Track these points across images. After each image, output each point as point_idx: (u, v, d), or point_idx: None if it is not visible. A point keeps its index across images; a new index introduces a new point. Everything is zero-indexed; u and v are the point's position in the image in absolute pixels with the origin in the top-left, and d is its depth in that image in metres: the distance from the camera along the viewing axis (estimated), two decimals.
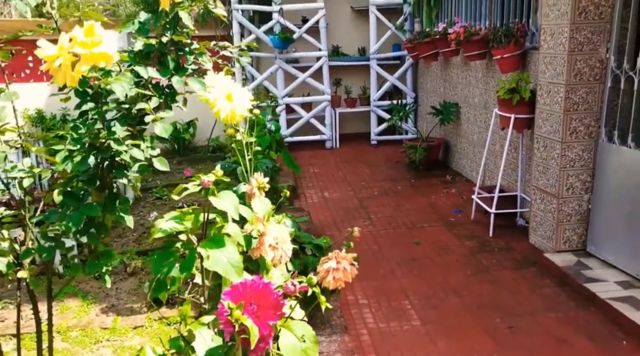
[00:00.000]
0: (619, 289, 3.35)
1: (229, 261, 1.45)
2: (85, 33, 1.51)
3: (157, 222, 1.59)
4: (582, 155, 3.71)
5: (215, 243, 1.48)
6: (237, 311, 1.13)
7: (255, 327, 1.16)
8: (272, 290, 1.22)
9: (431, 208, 5.21)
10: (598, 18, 3.51)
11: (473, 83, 5.71)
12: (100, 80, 1.74)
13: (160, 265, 1.51)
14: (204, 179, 1.41)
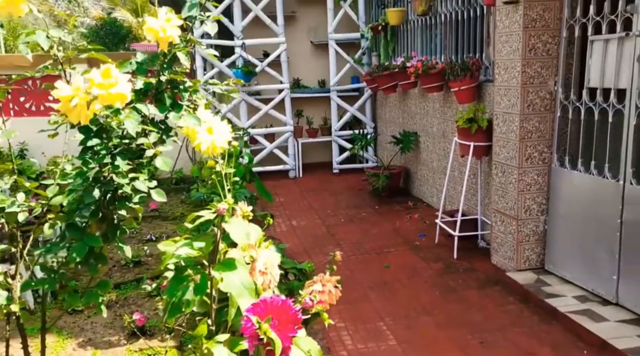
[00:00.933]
0: (577, 303, 3.60)
1: (242, 283, 1.57)
2: (103, 75, 1.63)
3: (167, 248, 1.71)
4: (537, 179, 4.01)
5: (228, 266, 1.60)
6: (265, 324, 1.26)
7: (279, 339, 1.29)
8: (291, 306, 1.35)
9: (397, 233, 5.42)
10: (546, 54, 3.85)
11: (431, 113, 6.02)
12: (109, 117, 1.85)
13: (174, 289, 1.62)
14: (219, 207, 1.54)
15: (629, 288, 3.40)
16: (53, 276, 2.06)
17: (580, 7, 3.68)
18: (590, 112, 3.63)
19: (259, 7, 7.56)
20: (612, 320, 3.33)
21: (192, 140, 1.92)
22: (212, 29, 2.18)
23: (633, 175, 3.29)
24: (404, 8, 6.66)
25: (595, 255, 3.62)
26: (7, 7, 1.70)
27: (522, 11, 3.79)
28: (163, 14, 2.03)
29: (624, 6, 3.29)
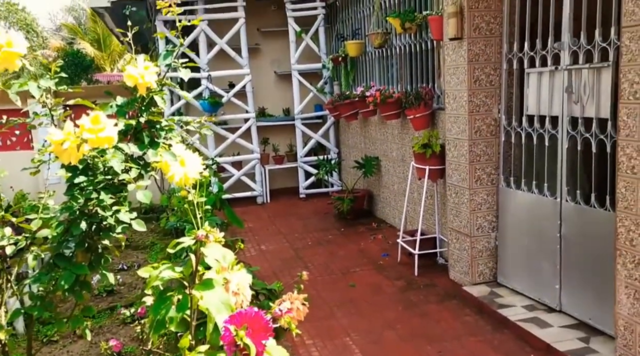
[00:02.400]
0: (525, 312, 3.92)
1: (220, 300, 1.80)
2: (92, 121, 1.87)
3: (150, 272, 1.93)
4: (487, 198, 4.36)
5: (206, 286, 1.83)
6: (241, 331, 1.49)
7: (253, 345, 1.52)
8: (263, 316, 1.59)
9: (361, 254, 5.69)
10: (489, 85, 4.24)
11: (390, 139, 6.37)
12: (96, 157, 2.07)
13: (159, 308, 1.84)
14: (199, 234, 1.78)
15: (570, 296, 3.73)
16: (41, 303, 2.25)
17: (516, 42, 4.09)
18: (529, 137, 4.01)
19: (224, 41, 7.86)
20: (556, 326, 3.66)
21: (166, 172, 2.15)
22: (185, 75, 2.44)
23: (568, 193, 3.66)
24: (362, 41, 7.05)
25: (540, 266, 3.96)
26: (3, 62, 1.92)
27: (467, 47, 4.17)
28: (141, 62, 2.29)
29: (553, 43, 3.69)
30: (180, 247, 1.83)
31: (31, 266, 2.38)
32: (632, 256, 2.90)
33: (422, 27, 5.33)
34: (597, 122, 3.35)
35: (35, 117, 2.20)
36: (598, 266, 3.42)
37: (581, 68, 3.45)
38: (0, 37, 1.90)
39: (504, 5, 4.15)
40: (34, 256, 2.39)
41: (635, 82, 2.76)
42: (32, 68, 2.12)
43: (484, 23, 4.18)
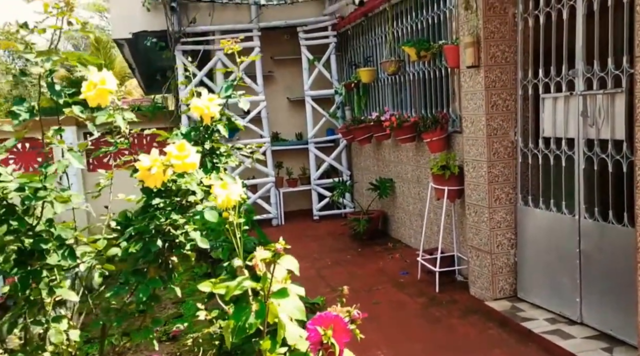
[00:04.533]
0: (548, 324, 4.11)
1: (294, 306, 2.01)
2: (178, 148, 2.10)
3: (205, 289, 2.14)
4: (506, 217, 4.58)
5: (282, 294, 2.03)
6: (329, 331, 1.70)
7: (337, 345, 1.73)
8: (342, 319, 1.79)
9: (381, 273, 5.88)
10: (506, 109, 4.50)
11: (405, 161, 6.62)
12: (175, 181, 2.30)
13: (239, 315, 2.04)
14: (277, 247, 1.99)
15: (590, 309, 3.93)
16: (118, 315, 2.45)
17: (531, 70, 4.36)
18: (546, 158, 4.25)
19: (241, 68, 8.14)
20: (578, 337, 3.85)
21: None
22: (245, 106, 2.69)
23: (586, 211, 3.88)
24: (374, 68, 7.35)
25: (560, 281, 4.16)
26: (97, 98, 2.16)
27: (483, 74, 4.44)
28: (206, 95, 2.53)
29: (567, 71, 3.96)
30: (261, 259, 2.04)
31: (97, 282, 2.59)
32: None
33: (436, 55, 5.62)
34: (612, 144, 3.60)
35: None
36: (617, 279, 3.63)
37: (595, 93, 3.72)
38: (95, 76, 2.14)
39: (517, 35, 4.44)
40: (100, 273, 2.60)
41: None
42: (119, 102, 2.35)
43: (499, 52, 4.46)
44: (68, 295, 2.31)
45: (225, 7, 8.38)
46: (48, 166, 1.80)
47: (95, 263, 2.54)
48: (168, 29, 8.12)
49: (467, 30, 4.54)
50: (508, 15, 4.43)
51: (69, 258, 2.03)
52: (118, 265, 2.53)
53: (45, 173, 1.79)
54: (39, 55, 1.71)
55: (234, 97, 2.74)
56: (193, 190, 2.47)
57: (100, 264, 2.58)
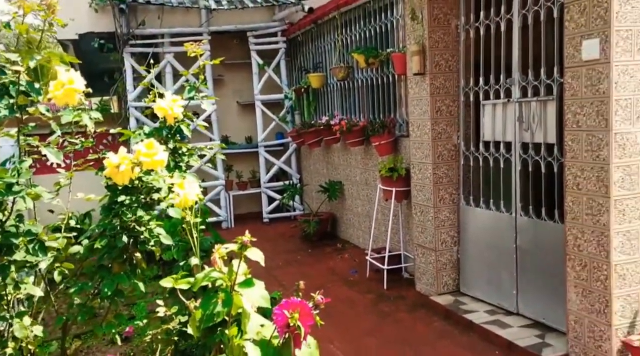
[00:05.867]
0: (488, 316, 4.40)
1: (260, 295, 2.14)
2: (147, 146, 2.19)
3: (171, 282, 2.24)
4: (449, 216, 4.86)
5: (248, 284, 2.16)
6: (296, 314, 1.84)
7: (303, 327, 1.87)
8: (307, 304, 1.94)
9: (331, 272, 6.06)
10: (449, 115, 4.78)
11: (354, 164, 6.84)
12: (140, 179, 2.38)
13: (207, 304, 2.15)
14: (244, 239, 2.12)
15: (525, 300, 4.24)
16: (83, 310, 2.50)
17: (472, 78, 4.66)
18: (486, 160, 4.56)
19: (190, 71, 8.15)
20: (515, 326, 4.14)
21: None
22: (208, 107, 2.79)
23: (521, 209, 4.20)
24: (324, 73, 7.55)
25: (499, 275, 4.46)
26: (65, 98, 2.21)
27: (429, 81, 4.71)
28: (169, 96, 2.63)
29: (504, 79, 4.28)
30: (228, 251, 2.16)
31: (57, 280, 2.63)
32: (579, 260, 3.43)
33: (384, 62, 5.87)
34: (545, 147, 3.92)
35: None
36: (549, 272, 3.95)
37: (530, 101, 4.04)
38: (63, 76, 2.21)
39: (460, 45, 4.73)
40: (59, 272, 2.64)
41: (577, 113, 3.33)
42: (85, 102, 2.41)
43: (443, 60, 4.74)
44: (33, 291, 2.34)
45: (175, 10, 8.37)
46: (23, 162, 1.85)
47: (55, 263, 2.58)
48: (116, 31, 8.03)
49: (414, 40, 4.80)
50: (451, 26, 4.72)
51: (39, 252, 2.07)
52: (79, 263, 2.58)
53: (19, 169, 1.84)
54: (22, 54, 1.77)
55: (196, 99, 2.84)
56: (159, 188, 2.55)
57: (60, 263, 2.62)
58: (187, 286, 2.35)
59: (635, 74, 3.12)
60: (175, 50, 8.13)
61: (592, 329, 3.37)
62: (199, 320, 2.19)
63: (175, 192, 2.33)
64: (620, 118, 3.13)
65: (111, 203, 2.51)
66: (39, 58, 1.78)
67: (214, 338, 2.44)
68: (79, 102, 2.34)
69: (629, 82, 3.11)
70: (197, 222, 3.12)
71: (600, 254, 3.27)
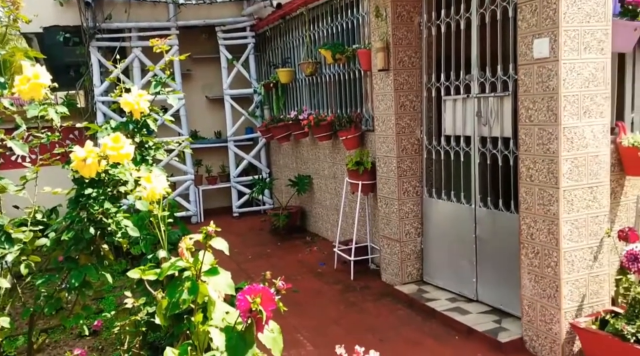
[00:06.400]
0: (449, 303, 4.57)
1: (225, 283, 2.23)
2: (113, 140, 2.26)
3: (139, 273, 2.31)
4: (413, 208, 5.01)
5: (213, 272, 2.25)
6: (257, 299, 1.94)
7: (264, 311, 1.97)
8: (268, 290, 2.04)
9: (300, 264, 6.17)
10: (413, 110, 4.93)
11: (322, 158, 6.96)
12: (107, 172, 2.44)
13: (174, 291, 2.23)
14: (209, 229, 2.20)
15: (484, 288, 4.43)
16: (50, 302, 2.55)
17: (434, 74, 4.81)
18: (447, 154, 4.72)
19: (157, 67, 8.14)
20: (474, 313, 4.33)
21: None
22: (174, 102, 2.86)
23: (480, 200, 4.37)
24: (292, 69, 7.63)
25: (459, 264, 4.64)
26: (31, 92, 2.26)
27: (393, 77, 4.84)
28: (136, 90, 2.69)
29: (464, 75, 4.44)
30: (193, 240, 2.25)
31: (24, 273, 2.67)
32: (532, 247, 3.62)
33: (350, 58, 5.98)
34: (502, 141, 4.10)
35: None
36: (506, 260, 4.13)
37: (487, 96, 4.21)
38: (28, 71, 2.25)
39: (422, 42, 4.88)
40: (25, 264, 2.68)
41: (529, 108, 3.51)
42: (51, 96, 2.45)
43: (406, 57, 4.88)
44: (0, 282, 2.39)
45: (142, 4, 8.33)
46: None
47: (22, 256, 2.61)
48: (82, 25, 7.96)
49: (378, 36, 4.93)
50: (414, 23, 4.87)
51: (5, 244, 2.12)
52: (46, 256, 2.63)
53: None
54: None
55: (163, 94, 2.90)
56: (125, 180, 2.62)
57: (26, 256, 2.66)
58: (154, 277, 2.43)
59: (581, 72, 3.30)
60: (143, 45, 8.09)
61: (544, 313, 3.56)
62: (165, 308, 2.27)
63: (142, 185, 2.39)
64: (569, 113, 3.31)
65: (78, 196, 2.56)
66: (3, 53, 1.82)
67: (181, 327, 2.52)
68: (44, 96, 2.39)
69: (575, 79, 3.29)
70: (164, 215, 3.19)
71: (550, 242, 3.45)
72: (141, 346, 3.08)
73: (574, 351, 3.50)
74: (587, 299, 3.51)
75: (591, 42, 3.32)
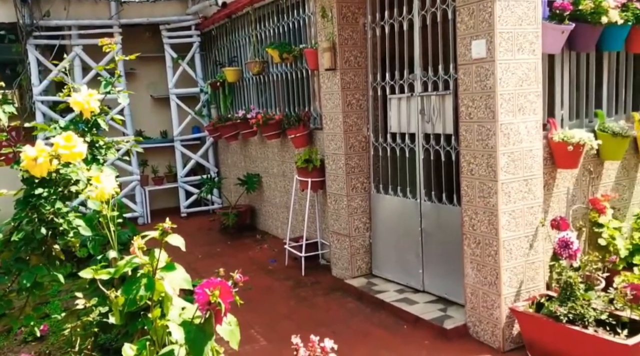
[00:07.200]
0: (397, 294, 4.75)
1: (182, 278, 2.27)
2: (65, 139, 2.26)
3: (90, 273, 2.32)
4: (362, 203, 5.16)
5: (170, 268, 2.29)
6: (217, 292, 2.00)
7: (223, 304, 2.03)
8: (226, 283, 2.10)
9: (251, 262, 6.22)
10: (359, 108, 5.07)
11: (271, 157, 7.02)
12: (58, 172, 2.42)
13: (130, 289, 2.25)
14: (165, 226, 2.24)
15: (430, 278, 4.62)
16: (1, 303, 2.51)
17: (379, 74, 4.97)
18: (393, 151, 4.89)
19: (102, 65, 7.97)
20: (421, 302, 4.51)
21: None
22: (124, 100, 2.86)
23: (425, 194, 4.57)
24: (239, 67, 7.65)
25: (406, 257, 4.82)
26: None
27: (340, 76, 4.97)
28: (85, 90, 2.69)
29: (408, 75, 4.62)
30: (148, 238, 2.27)
31: None
32: (474, 238, 3.82)
33: (298, 57, 6.07)
34: (444, 137, 4.30)
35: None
36: (450, 251, 4.33)
37: (430, 95, 4.39)
38: None
39: (367, 43, 5.03)
40: None
41: (469, 106, 3.70)
42: None
43: (352, 57, 5.02)
44: None
45: (82, 1, 8.12)
46: None
47: None
48: (18, 22, 7.68)
49: (325, 37, 5.04)
50: (359, 24, 5.01)
51: None
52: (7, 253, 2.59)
53: None
54: None
55: (113, 93, 2.90)
56: (77, 180, 2.60)
57: None
58: (107, 276, 2.44)
59: (515, 71, 3.52)
60: (84, 43, 7.91)
61: (485, 299, 3.77)
62: (122, 305, 2.29)
63: (93, 184, 2.40)
64: (505, 111, 3.52)
65: (28, 196, 2.53)
66: None
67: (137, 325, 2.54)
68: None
69: (510, 78, 3.51)
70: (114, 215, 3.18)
71: (490, 232, 3.67)
72: (92, 348, 3.06)
73: (513, 334, 3.72)
74: (524, 285, 3.74)
75: (524, 44, 3.55)
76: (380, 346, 3.97)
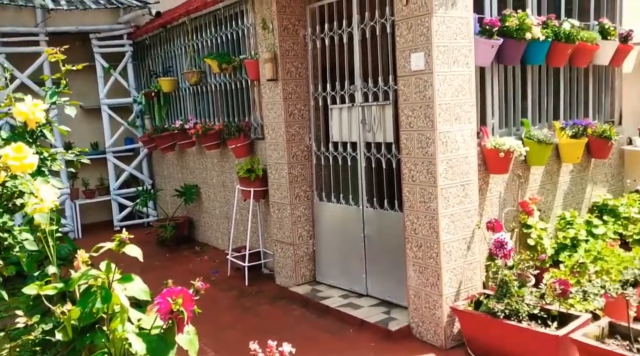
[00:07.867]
0: (342, 300, 4.85)
1: (140, 289, 2.25)
2: (15, 150, 2.19)
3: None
4: (305, 212, 5.24)
5: (127, 279, 2.26)
6: (179, 300, 2.01)
7: (185, 312, 2.04)
8: (188, 291, 2.11)
9: (192, 274, 6.11)
10: (301, 118, 5.17)
11: (210, 167, 6.97)
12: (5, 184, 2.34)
13: (86, 301, 2.21)
14: (123, 237, 2.21)
15: (373, 282, 4.77)
16: None
17: (320, 84, 5.10)
18: (335, 159, 5.02)
19: (25, 74, 7.64)
20: (365, 306, 4.64)
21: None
22: (72, 112, 2.80)
23: (367, 201, 4.71)
24: (175, 78, 7.56)
25: (350, 263, 4.95)
26: None
27: (281, 87, 5.05)
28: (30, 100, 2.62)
29: (349, 86, 4.77)
30: (104, 249, 2.24)
31: None
32: (416, 241, 4.00)
33: (237, 68, 6.09)
34: (385, 146, 4.47)
35: None
36: (392, 255, 4.49)
37: (371, 105, 4.56)
38: None
39: (308, 54, 5.15)
40: None
41: (409, 116, 3.89)
42: None
43: (293, 68, 5.11)
44: None
45: (5, 7, 7.76)
46: None
47: None
48: None
49: (266, 48, 5.11)
50: (299, 36, 5.12)
51: None
52: None
53: None
54: None
55: (59, 103, 2.83)
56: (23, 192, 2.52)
57: None
58: (54, 292, 2.38)
59: (452, 83, 3.74)
60: (7, 51, 7.56)
61: (428, 300, 3.95)
62: (77, 319, 2.24)
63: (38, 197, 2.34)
64: (443, 120, 3.73)
65: None
66: None
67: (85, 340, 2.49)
68: None
69: (447, 89, 3.72)
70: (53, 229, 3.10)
71: (431, 235, 3.85)
72: None
73: (454, 332, 3.92)
74: (463, 284, 3.95)
75: (459, 57, 3.78)
76: (327, 351, 4.06)
